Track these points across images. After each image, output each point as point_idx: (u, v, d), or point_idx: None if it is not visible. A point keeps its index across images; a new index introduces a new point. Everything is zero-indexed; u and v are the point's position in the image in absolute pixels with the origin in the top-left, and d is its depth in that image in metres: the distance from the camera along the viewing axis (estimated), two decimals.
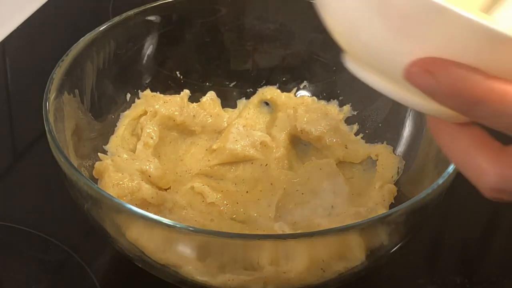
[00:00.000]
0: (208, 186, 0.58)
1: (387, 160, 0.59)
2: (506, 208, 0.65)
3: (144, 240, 0.46)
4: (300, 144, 0.64)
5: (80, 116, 0.56)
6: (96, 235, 0.50)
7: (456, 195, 0.55)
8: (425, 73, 0.30)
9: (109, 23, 0.59)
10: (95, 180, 0.54)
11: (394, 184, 0.57)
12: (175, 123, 0.62)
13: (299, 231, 0.51)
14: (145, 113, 0.61)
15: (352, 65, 0.35)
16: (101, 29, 0.58)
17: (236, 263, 0.44)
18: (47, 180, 0.61)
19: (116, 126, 0.61)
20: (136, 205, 0.51)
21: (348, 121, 0.64)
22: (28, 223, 0.58)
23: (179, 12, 0.64)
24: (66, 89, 0.53)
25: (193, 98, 0.64)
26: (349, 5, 0.31)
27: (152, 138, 0.59)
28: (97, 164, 0.55)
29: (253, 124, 0.64)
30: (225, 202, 0.57)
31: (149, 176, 0.57)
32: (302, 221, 0.55)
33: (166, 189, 0.58)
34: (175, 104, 0.62)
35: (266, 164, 0.60)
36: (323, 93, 0.66)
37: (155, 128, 0.60)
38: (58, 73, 0.52)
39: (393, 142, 0.60)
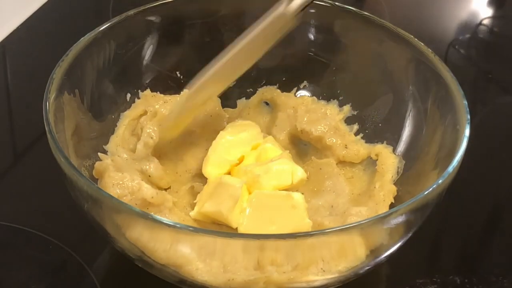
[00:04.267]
0: None
1: (387, 160, 0.59)
2: (506, 208, 0.66)
3: (144, 240, 0.45)
4: (300, 144, 0.64)
5: (80, 116, 0.56)
6: (96, 235, 0.50)
7: (456, 195, 0.55)
8: None
9: (109, 23, 0.59)
10: (95, 180, 0.54)
11: (394, 184, 0.57)
12: None
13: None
14: (145, 113, 0.61)
15: None
16: (101, 29, 0.58)
17: (236, 263, 0.44)
18: (47, 180, 0.61)
19: (116, 126, 0.61)
20: (136, 205, 0.51)
21: (348, 121, 0.64)
22: (28, 223, 0.58)
23: (179, 12, 0.64)
24: (66, 89, 0.53)
25: None
26: None
27: (152, 138, 0.59)
28: (97, 164, 0.55)
29: None
30: None
31: (149, 176, 0.57)
32: None
33: (166, 189, 0.58)
34: None
35: None
36: (323, 93, 0.66)
37: (155, 128, 0.59)
38: (58, 73, 0.52)
39: (393, 142, 0.60)
